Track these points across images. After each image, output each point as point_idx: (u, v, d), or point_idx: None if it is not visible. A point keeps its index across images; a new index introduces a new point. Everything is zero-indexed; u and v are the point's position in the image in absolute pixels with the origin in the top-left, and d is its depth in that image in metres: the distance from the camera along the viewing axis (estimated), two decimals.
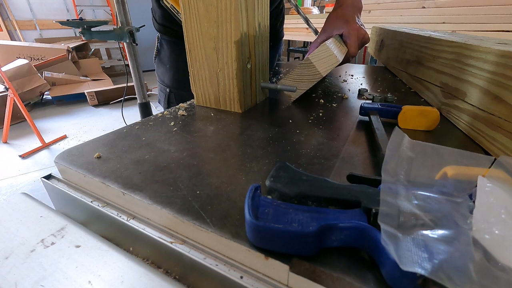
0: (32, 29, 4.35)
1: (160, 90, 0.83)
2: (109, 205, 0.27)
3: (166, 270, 0.24)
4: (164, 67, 0.78)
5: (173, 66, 0.76)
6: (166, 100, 0.80)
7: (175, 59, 0.75)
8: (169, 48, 0.76)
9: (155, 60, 0.81)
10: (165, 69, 0.78)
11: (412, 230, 0.17)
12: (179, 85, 0.77)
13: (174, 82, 0.77)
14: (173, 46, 0.74)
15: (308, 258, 0.19)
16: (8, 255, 0.23)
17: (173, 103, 0.79)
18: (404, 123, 0.40)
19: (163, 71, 0.79)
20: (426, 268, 0.14)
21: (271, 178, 0.24)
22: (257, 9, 0.43)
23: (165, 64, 0.77)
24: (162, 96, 0.82)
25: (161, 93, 0.83)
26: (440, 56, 0.48)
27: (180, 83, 0.76)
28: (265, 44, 0.48)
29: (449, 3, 1.50)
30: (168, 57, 0.76)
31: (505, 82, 0.31)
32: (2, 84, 2.49)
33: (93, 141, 0.35)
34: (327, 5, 3.25)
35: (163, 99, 0.81)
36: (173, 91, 0.78)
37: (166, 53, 0.77)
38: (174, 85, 0.78)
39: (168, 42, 0.75)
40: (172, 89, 0.78)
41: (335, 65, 0.51)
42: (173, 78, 0.77)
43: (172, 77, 0.77)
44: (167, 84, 0.79)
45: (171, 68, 0.77)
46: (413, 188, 0.21)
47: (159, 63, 0.80)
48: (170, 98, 0.80)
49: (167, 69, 0.77)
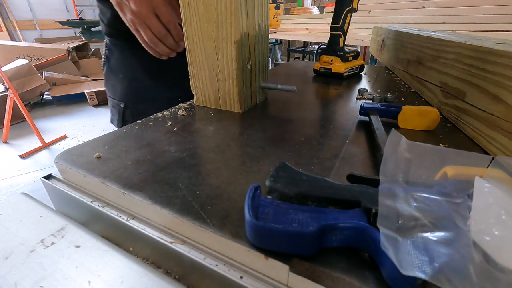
0: (32, 29, 4.36)
1: (112, 107, 0.68)
2: (109, 205, 0.27)
3: (166, 270, 0.24)
4: (116, 78, 0.66)
5: (128, 75, 0.64)
6: (120, 118, 0.67)
7: (129, 66, 0.64)
8: (122, 54, 0.64)
9: (104, 70, 0.68)
10: (117, 80, 0.65)
11: (411, 232, 0.17)
12: (136, 98, 0.65)
13: (130, 94, 0.65)
14: (127, 51, 0.63)
15: (308, 258, 0.19)
16: (8, 255, 0.23)
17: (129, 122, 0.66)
18: (404, 123, 0.40)
19: (115, 83, 0.66)
20: (426, 272, 0.14)
21: (271, 178, 0.24)
22: (257, 9, 0.43)
23: (117, 73, 0.65)
24: (115, 113, 0.68)
25: (113, 110, 0.69)
26: (440, 56, 0.48)
27: (138, 96, 0.65)
28: (265, 44, 0.48)
29: (449, 3, 1.50)
30: (121, 64, 0.64)
31: (505, 82, 0.31)
32: (2, 84, 2.49)
33: (93, 141, 0.35)
34: (327, 5, 3.25)
35: (117, 118, 0.68)
36: (129, 106, 0.65)
37: (117, 61, 0.65)
38: (130, 99, 0.65)
39: (120, 47, 0.64)
40: (127, 103, 0.65)
41: None
42: (128, 90, 0.65)
43: (126, 89, 0.65)
44: (120, 98, 0.66)
45: (125, 77, 0.64)
46: (411, 190, 0.21)
47: (109, 73, 0.67)
48: (126, 116, 0.66)
49: (120, 79, 0.65)
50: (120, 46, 0.64)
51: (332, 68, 0.69)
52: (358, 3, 0.67)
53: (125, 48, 0.63)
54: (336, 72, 0.68)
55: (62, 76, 3.20)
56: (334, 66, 0.68)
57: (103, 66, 0.68)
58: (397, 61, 0.72)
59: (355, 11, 0.67)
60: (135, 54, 0.62)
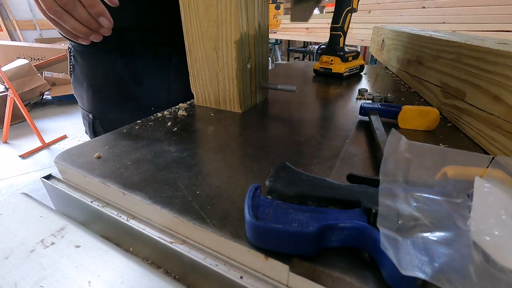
0: (32, 29, 4.35)
1: (83, 117, 0.63)
2: (109, 205, 0.27)
3: (166, 270, 0.24)
4: (81, 87, 0.59)
5: (92, 84, 0.58)
6: (91, 129, 0.62)
7: (93, 75, 0.58)
8: (85, 61, 0.57)
9: (71, 79, 0.62)
10: (82, 90, 0.59)
11: (411, 232, 0.17)
12: (103, 109, 0.59)
13: (96, 105, 0.59)
14: (90, 59, 0.56)
15: (308, 258, 0.19)
16: (8, 255, 0.23)
17: (101, 133, 0.60)
18: (404, 123, 0.40)
19: (81, 92, 0.60)
20: (426, 272, 0.14)
21: (271, 178, 0.24)
22: (257, 9, 0.43)
23: (81, 82, 0.59)
24: (86, 124, 0.63)
25: (84, 121, 0.64)
26: (440, 56, 0.48)
27: (104, 106, 0.59)
28: (265, 44, 0.48)
29: (449, 3, 1.50)
30: (85, 73, 0.58)
31: (505, 82, 0.31)
32: (2, 84, 2.49)
33: (93, 141, 0.35)
34: (327, 5, 3.25)
35: (88, 129, 0.63)
36: (97, 117, 0.60)
37: (82, 69, 0.58)
38: (97, 109, 0.59)
39: (82, 53, 0.57)
40: (95, 114, 0.60)
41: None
42: (94, 101, 0.59)
43: (92, 99, 0.59)
44: (88, 109, 0.60)
45: (90, 87, 0.58)
46: (411, 190, 0.21)
47: (75, 82, 0.61)
48: (95, 127, 0.61)
49: (85, 89, 0.59)
50: (82, 53, 0.57)
51: (332, 68, 0.69)
52: (358, 3, 0.67)
53: (87, 55, 0.57)
54: (336, 72, 0.68)
55: (62, 76, 3.20)
56: (334, 66, 0.68)
57: (70, 75, 0.62)
58: (397, 61, 0.72)
59: (355, 11, 0.67)
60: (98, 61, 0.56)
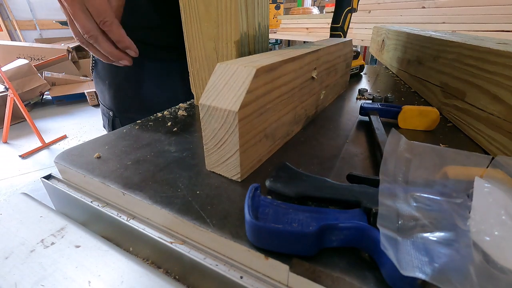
0: (32, 29, 4.36)
1: (103, 113, 0.64)
2: (109, 205, 0.27)
3: (166, 270, 0.24)
4: (103, 84, 0.60)
5: (113, 83, 0.58)
6: (110, 126, 0.63)
7: (115, 73, 0.57)
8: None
9: (93, 74, 0.62)
10: (104, 87, 0.60)
11: (411, 232, 0.17)
12: (123, 107, 0.60)
13: (117, 103, 0.60)
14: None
15: (308, 258, 0.19)
16: (8, 255, 0.23)
17: None
18: (404, 123, 0.40)
19: (102, 89, 0.61)
20: (426, 272, 0.14)
21: (271, 178, 0.24)
22: (257, 9, 0.43)
23: (104, 79, 0.59)
24: (106, 121, 0.64)
25: (104, 117, 0.65)
26: (440, 56, 0.48)
27: (125, 105, 0.60)
28: (265, 44, 0.48)
29: (449, 3, 1.50)
30: (107, 71, 0.58)
31: (505, 82, 0.31)
32: (2, 84, 2.49)
33: (93, 141, 0.35)
34: (327, 5, 3.25)
35: (107, 125, 0.64)
36: (117, 115, 0.61)
37: (103, 66, 0.58)
38: (118, 108, 0.60)
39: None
40: (116, 112, 0.60)
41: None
42: (115, 99, 0.60)
43: (113, 97, 0.60)
44: (109, 106, 0.61)
45: (111, 85, 0.59)
46: (411, 190, 0.21)
47: (97, 78, 0.61)
48: (115, 124, 0.62)
49: (107, 86, 0.59)
50: None
51: None
52: (358, 3, 0.67)
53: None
54: None
55: (62, 76, 3.20)
56: None
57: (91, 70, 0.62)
58: (397, 61, 0.72)
59: (355, 11, 0.67)
60: None
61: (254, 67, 0.24)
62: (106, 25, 0.38)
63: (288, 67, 0.31)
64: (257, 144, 0.28)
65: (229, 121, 0.24)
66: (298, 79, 0.34)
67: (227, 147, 0.26)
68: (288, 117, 0.34)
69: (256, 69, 0.24)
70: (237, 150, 0.25)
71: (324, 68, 0.42)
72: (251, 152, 0.27)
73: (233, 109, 0.23)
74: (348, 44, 0.55)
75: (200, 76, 0.46)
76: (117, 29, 0.39)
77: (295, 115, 0.36)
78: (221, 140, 0.26)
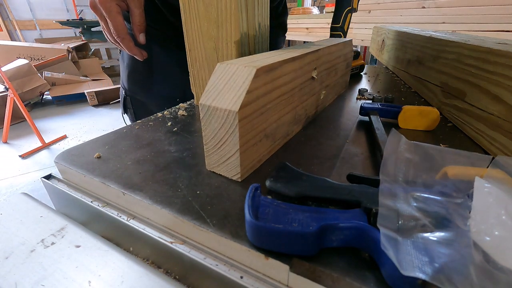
0: (32, 29, 4.35)
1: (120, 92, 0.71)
2: (109, 205, 0.27)
3: (166, 270, 0.24)
4: (123, 64, 0.66)
5: (130, 64, 0.63)
6: (122, 103, 0.68)
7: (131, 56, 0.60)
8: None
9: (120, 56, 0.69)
10: (123, 66, 0.66)
11: (411, 232, 0.17)
12: (134, 88, 0.65)
13: (129, 83, 0.65)
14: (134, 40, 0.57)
15: (308, 258, 0.19)
16: (8, 255, 0.23)
17: (130, 109, 0.67)
18: (404, 123, 0.40)
19: (123, 69, 0.66)
20: (426, 272, 0.14)
21: (271, 178, 0.24)
22: (257, 9, 0.43)
23: (124, 59, 0.65)
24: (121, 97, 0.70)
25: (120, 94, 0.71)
26: (440, 56, 0.48)
27: (135, 86, 0.65)
28: (265, 44, 0.48)
29: (449, 3, 1.50)
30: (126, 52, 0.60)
31: (505, 82, 0.31)
32: (2, 84, 2.49)
33: (93, 141, 0.35)
34: (327, 5, 3.25)
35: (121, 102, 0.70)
36: (128, 94, 0.66)
37: None
38: (129, 87, 0.65)
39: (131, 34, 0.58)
40: (127, 91, 0.66)
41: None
42: (128, 79, 0.65)
43: (127, 77, 0.65)
44: (123, 85, 0.67)
45: (128, 66, 0.64)
46: (411, 190, 0.21)
47: (121, 59, 0.67)
48: (126, 103, 0.67)
49: (124, 66, 0.65)
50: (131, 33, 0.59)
51: None
52: (358, 3, 0.67)
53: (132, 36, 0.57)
54: None
55: (62, 76, 3.20)
56: None
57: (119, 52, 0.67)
58: (397, 61, 0.72)
59: (355, 11, 0.67)
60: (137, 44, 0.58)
61: (254, 67, 0.24)
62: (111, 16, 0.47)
63: (288, 67, 0.31)
64: (257, 144, 0.28)
65: (229, 121, 0.24)
66: (298, 79, 0.34)
67: (227, 147, 0.26)
68: (288, 117, 0.34)
69: (256, 69, 0.24)
70: (237, 150, 0.25)
71: (324, 68, 0.43)
72: (251, 152, 0.27)
73: (233, 109, 0.23)
74: (348, 44, 0.55)
75: (200, 76, 0.46)
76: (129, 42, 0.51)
77: (295, 115, 0.36)
78: (221, 140, 0.26)
